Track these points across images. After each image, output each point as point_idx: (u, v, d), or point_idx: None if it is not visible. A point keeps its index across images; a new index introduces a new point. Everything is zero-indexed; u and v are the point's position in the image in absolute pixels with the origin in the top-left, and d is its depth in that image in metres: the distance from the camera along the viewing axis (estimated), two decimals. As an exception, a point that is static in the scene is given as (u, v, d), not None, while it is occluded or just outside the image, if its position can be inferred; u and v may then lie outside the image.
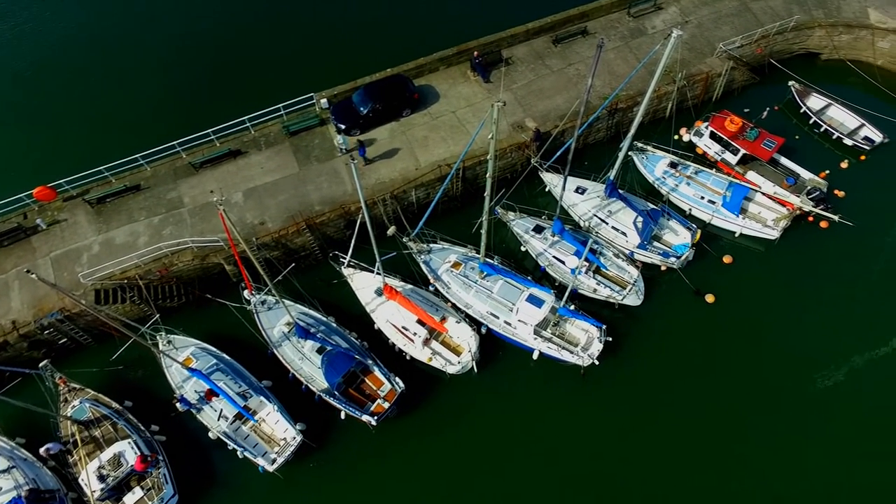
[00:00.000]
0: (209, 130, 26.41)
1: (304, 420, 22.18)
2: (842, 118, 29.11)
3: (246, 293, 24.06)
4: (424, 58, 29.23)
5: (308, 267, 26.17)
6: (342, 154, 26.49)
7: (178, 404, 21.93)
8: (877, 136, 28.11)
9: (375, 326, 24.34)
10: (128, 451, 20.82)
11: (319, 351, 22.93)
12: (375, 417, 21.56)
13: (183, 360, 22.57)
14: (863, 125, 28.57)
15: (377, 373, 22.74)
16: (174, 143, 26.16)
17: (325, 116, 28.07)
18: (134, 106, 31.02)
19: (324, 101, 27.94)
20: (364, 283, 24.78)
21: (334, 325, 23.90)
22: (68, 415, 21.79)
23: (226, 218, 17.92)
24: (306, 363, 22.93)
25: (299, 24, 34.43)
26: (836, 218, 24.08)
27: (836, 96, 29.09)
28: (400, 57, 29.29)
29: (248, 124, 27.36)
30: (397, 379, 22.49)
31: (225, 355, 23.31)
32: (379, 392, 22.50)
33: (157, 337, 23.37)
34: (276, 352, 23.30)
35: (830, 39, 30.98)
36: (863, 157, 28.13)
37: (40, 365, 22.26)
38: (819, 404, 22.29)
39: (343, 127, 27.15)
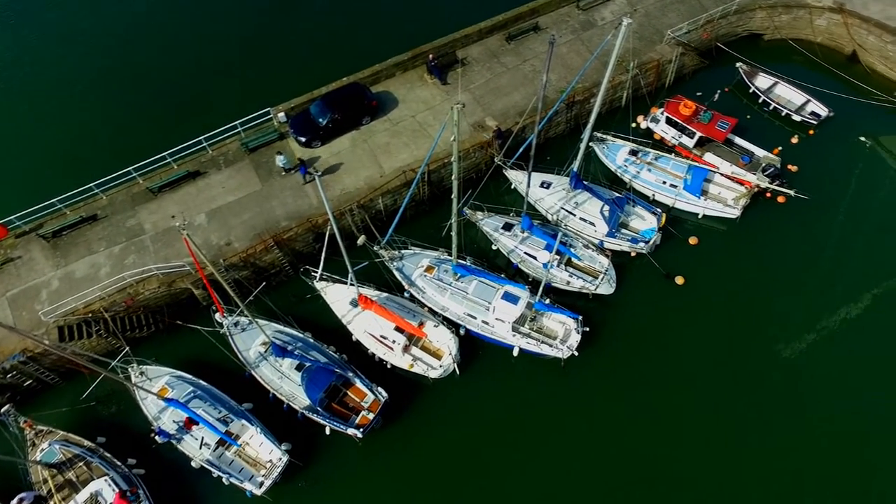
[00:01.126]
0: (165, 153, 25.75)
1: (289, 439, 21.80)
2: (789, 95, 30.12)
3: (217, 316, 23.55)
4: (380, 64, 29.09)
5: (279, 284, 25.76)
6: (284, 175, 26.07)
7: (156, 437, 21.30)
8: (822, 111, 29.17)
9: (353, 338, 24.11)
10: (105, 489, 20.15)
11: (298, 368, 22.59)
12: (361, 430, 21.35)
13: (158, 391, 21.95)
14: (809, 101, 29.60)
15: (359, 384, 22.53)
16: (130, 168, 25.43)
17: (284, 130, 27.69)
18: (84, 134, 30.03)
19: (281, 114, 27.56)
20: (338, 296, 24.52)
21: (311, 340, 23.58)
22: (37, 459, 20.93)
23: (190, 242, 17.51)
24: (286, 381, 22.56)
25: (250, 38, 33.90)
26: (791, 192, 24.88)
27: (781, 75, 30.07)
28: (355, 65, 29.07)
29: (204, 144, 26.77)
30: (380, 389, 22.31)
31: (202, 381, 22.76)
32: (362, 404, 22.29)
33: (129, 369, 22.67)
34: (253, 373, 22.87)
35: (771, 20, 32.01)
36: (811, 132, 29.15)
37: (1, 410, 21.35)
38: (790, 372, 22.99)
39: (303, 140, 26.82)
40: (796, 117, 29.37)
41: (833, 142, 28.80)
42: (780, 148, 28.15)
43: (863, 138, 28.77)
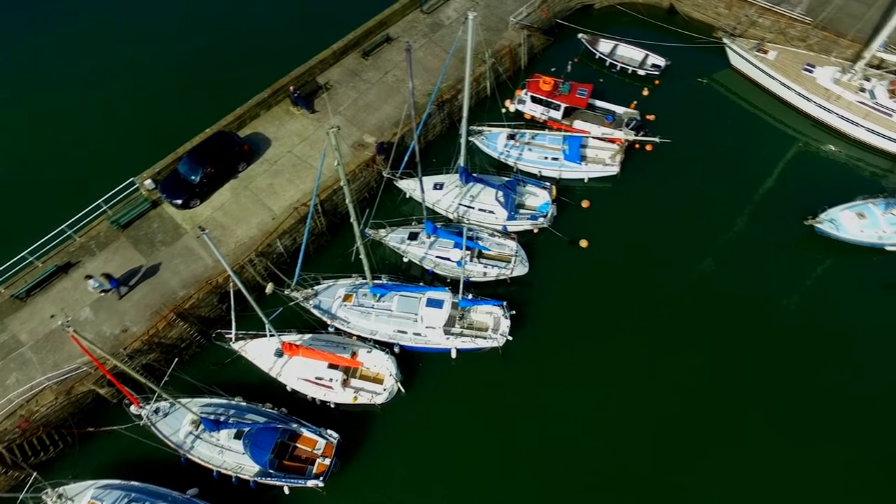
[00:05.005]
0: (24, 253, 23.23)
1: (248, 514, 20.41)
2: (630, 54, 32.79)
3: (133, 409, 21.49)
4: (241, 107, 28.10)
5: (194, 356, 24.05)
6: (103, 294, 23.66)
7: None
8: (661, 62, 32.08)
9: (288, 388, 23.02)
10: None
11: (237, 436, 21.17)
12: (321, 478, 20.43)
13: (85, 510, 19.64)
14: (647, 55, 32.42)
15: (306, 433, 21.53)
16: (-15, 279, 22.69)
17: (156, 197, 25.93)
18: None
19: (148, 181, 25.79)
20: (260, 350, 23.30)
21: (244, 403, 22.19)
22: None
23: (80, 339, 15.87)
24: (228, 454, 21.06)
25: (96, 104, 31.39)
26: (657, 139, 27.04)
27: (618, 37, 32.68)
28: (215, 113, 27.86)
29: (69, 232, 24.46)
30: (329, 431, 21.47)
31: (133, 483, 20.61)
32: (315, 452, 21.32)
33: (43, 496, 20.05)
34: (189, 456, 21.13)
35: (597, -10, 34.75)
36: (657, 82, 31.91)
37: None
38: (699, 297, 24.94)
39: (179, 202, 25.27)
40: (641, 72, 32.02)
41: (677, 87, 31.72)
42: (635, 102, 30.51)
43: (700, 78, 31.96)
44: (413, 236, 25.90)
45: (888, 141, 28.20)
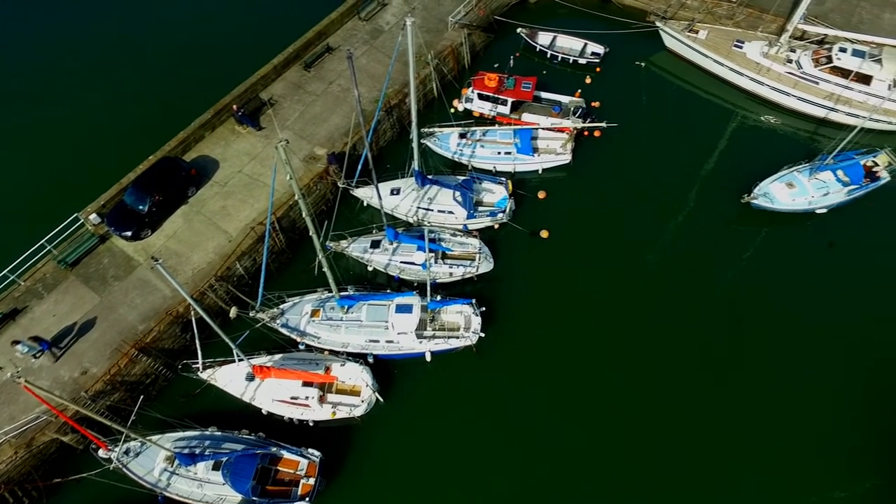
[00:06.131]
0: (-34, 304, 22.00)
1: (235, 545, 19.84)
2: (569, 44, 33.44)
3: (101, 453, 20.58)
4: (184, 131, 27.31)
5: (161, 390, 23.25)
6: (35, 358, 22.14)
7: None
8: (599, 49, 32.83)
9: (264, 411, 22.50)
10: None
11: (216, 467, 20.54)
12: (307, 499, 20.06)
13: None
14: (586, 44, 33.13)
15: (287, 455, 21.09)
16: (-75, 337, 21.36)
17: (103, 231, 24.94)
18: None
19: (93, 216, 24.76)
20: (230, 377, 22.69)
21: (219, 433, 21.56)
22: None
23: (34, 389, 15.08)
24: (208, 487, 20.42)
25: (28, 139, 29.92)
26: (604, 125, 27.58)
27: (556, 28, 33.27)
28: (157, 139, 26.99)
29: (12, 277, 23.29)
30: (310, 450, 21.09)
31: (110, 532, 19.85)
32: (298, 473, 20.89)
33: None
34: (167, 494, 20.38)
35: (530, -16, 35.32)
36: (598, 69, 32.63)
37: None
38: (650, 279, 25.67)
39: (129, 234, 24.39)
40: (581, 61, 32.69)
41: (617, 72, 32.52)
42: (579, 90, 31.12)
43: (638, 62, 32.86)
44: (375, 244, 25.71)
45: (816, 107, 29.73)
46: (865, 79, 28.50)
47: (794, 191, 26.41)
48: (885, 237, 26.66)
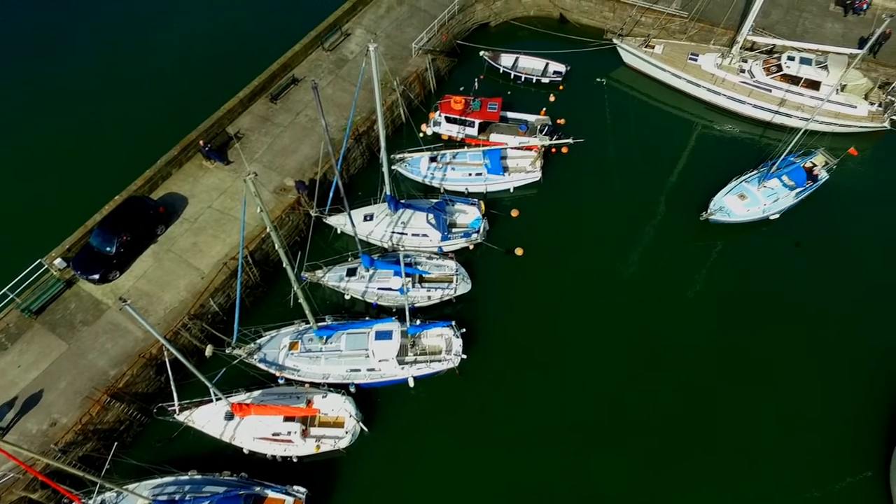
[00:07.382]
0: (-75, 360, 21.02)
1: None
2: (531, 64, 34.20)
3: (75, 508, 19.72)
4: (150, 169, 26.92)
5: (137, 436, 22.45)
6: None
7: None
8: (561, 68, 33.66)
9: (245, 450, 21.86)
10: None
11: (198, 513, 19.83)
12: (295, 539, 19.43)
13: None
14: (548, 63, 33.94)
15: (272, 494, 20.41)
16: None
17: (69, 276, 24.25)
18: None
19: (58, 260, 24.07)
20: (208, 417, 22.04)
21: (199, 476, 20.83)
22: None
23: (0, 445, 14.44)
24: (190, 535, 19.65)
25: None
26: (570, 141, 28.09)
27: (518, 50, 34.04)
28: (123, 178, 26.53)
29: (-26, 329, 22.40)
30: (296, 487, 20.50)
31: (87, 591, 18.88)
32: (285, 512, 20.30)
33: None
34: (148, 547, 19.56)
35: (490, 9, 36.07)
36: (561, 87, 33.38)
37: None
38: (623, 293, 25.97)
39: (96, 277, 23.75)
40: (544, 80, 33.42)
41: (580, 90, 33.33)
42: (544, 109, 31.74)
43: (598, 79, 33.73)
44: (351, 272, 25.51)
45: (770, 113, 30.86)
46: (814, 84, 29.75)
47: (746, 201, 27.24)
48: (841, 231, 27.61)
